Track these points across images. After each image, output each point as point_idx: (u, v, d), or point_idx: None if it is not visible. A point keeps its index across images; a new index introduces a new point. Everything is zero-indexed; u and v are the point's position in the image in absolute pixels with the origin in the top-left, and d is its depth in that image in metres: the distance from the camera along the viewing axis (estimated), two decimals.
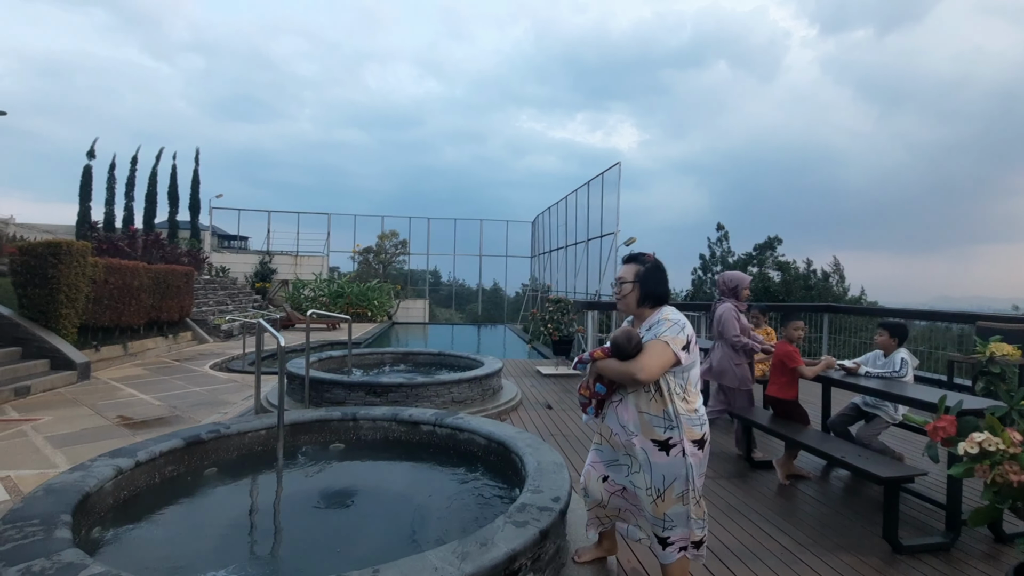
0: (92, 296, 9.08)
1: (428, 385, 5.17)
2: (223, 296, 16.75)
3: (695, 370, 2.15)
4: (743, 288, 4.60)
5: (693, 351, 2.14)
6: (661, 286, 2.25)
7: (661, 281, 2.26)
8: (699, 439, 2.13)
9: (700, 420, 2.14)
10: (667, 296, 2.24)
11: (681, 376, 2.12)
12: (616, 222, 13.08)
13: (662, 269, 2.28)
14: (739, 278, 4.65)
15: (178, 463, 3.13)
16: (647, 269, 2.24)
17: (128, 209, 23.07)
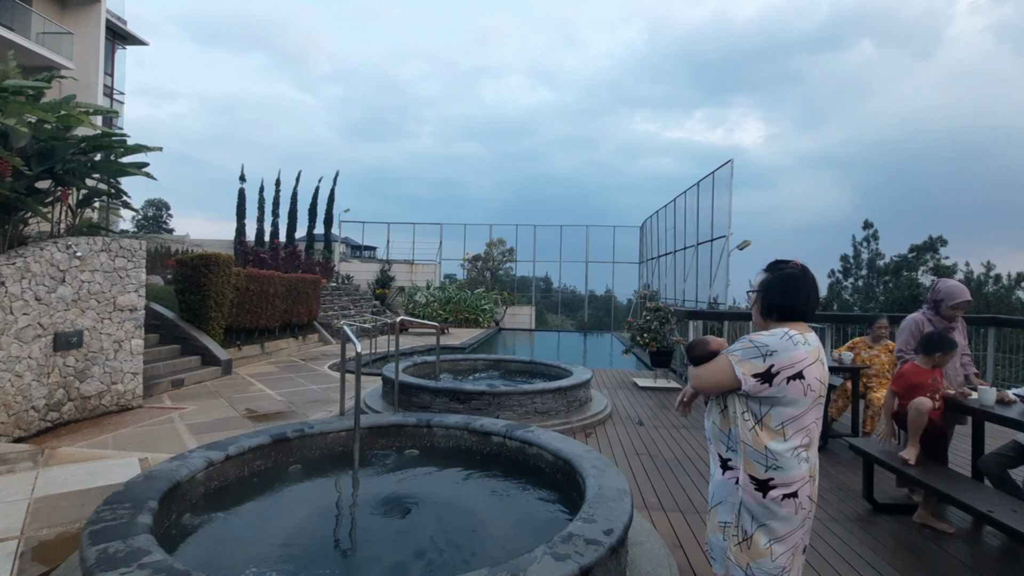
0: (235, 301, 10.39)
1: (511, 394, 5.11)
2: (346, 301, 18.28)
3: (788, 408, 1.76)
4: (949, 304, 3.71)
5: (786, 384, 1.75)
6: (787, 298, 1.89)
7: (789, 292, 1.89)
8: (762, 480, 1.77)
9: (770, 462, 1.76)
10: (796, 311, 1.87)
11: (757, 405, 1.80)
12: (728, 224, 12.11)
13: (796, 279, 1.92)
14: (950, 290, 3.77)
15: (265, 458, 3.37)
16: (774, 278, 1.95)
17: (274, 225, 26.24)
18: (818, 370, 1.74)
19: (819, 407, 1.76)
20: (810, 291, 1.87)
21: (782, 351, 1.75)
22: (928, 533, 3.17)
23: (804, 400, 1.74)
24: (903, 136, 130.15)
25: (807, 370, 1.73)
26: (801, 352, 1.74)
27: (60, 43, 19.64)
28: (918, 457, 3.26)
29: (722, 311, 9.71)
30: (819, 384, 1.75)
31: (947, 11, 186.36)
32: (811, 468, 1.77)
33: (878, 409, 4.65)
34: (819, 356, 1.76)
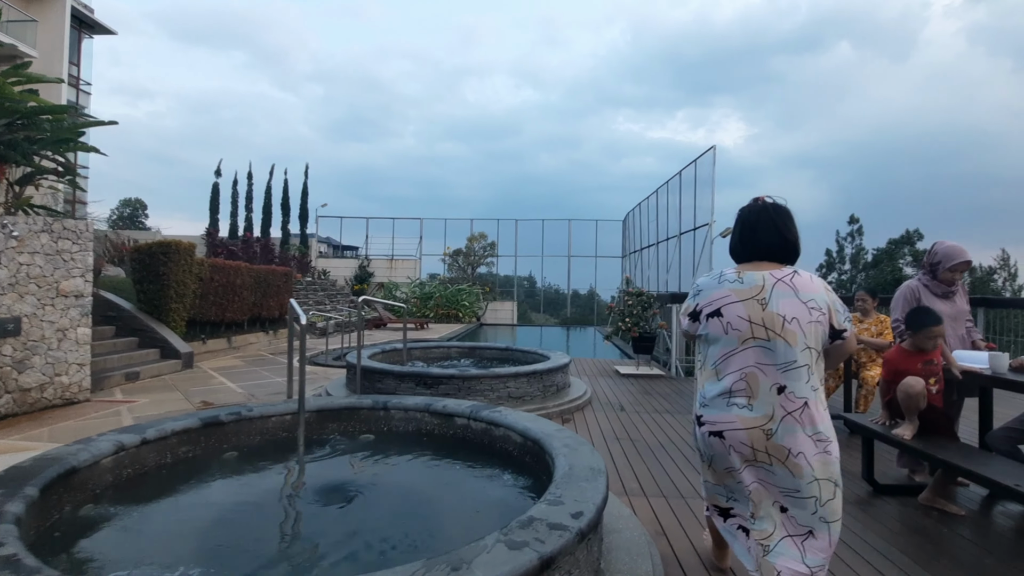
0: (199, 292, 9.85)
1: (481, 378, 4.74)
2: (322, 296, 17.73)
3: (716, 346, 1.74)
4: (947, 265, 3.38)
5: (706, 321, 1.75)
6: (735, 238, 1.85)
7: (736, 232, 1.85)
8: (696, 416, 1.82)
9: (702, 400, 1.79)
10: (744, 250, 1.80)
11: (701, 345, 1.82)
12: (711, 212, 11.89)
13: (741, 219, 1.86)
14: (948, 251, 3.42)
15: (193, 444, 2.96)
16: (736, 218, 1.89)
17: (248, 220, 25.50)
18: (743, 309, 1.66)
19: (757, 351, 1.64)
20: (756, 228, 1.76)
21: (707, 289, 1.76)
22: (936, 515, 2.87)
23: (726, 338, 1.69)
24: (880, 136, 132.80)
25: (726, 308, 1.68)
26: (724, 290, 1.71)
27: (24, 31, 18.77)
28: (919, 432, 2.96)
29: None
30: (743, 323, 1.65)
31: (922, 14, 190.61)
32: (755, 419, 1.63)
33: (872, 388, 4.37)
34: (753, 295, 1.66)
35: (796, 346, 1.61)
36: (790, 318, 1.61)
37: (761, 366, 1.63)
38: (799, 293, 1.63)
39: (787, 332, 1.61)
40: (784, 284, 1.65)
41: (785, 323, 1.61)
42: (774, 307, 1.63)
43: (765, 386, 1.62)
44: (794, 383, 1.60)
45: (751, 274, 1.70)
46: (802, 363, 1.60)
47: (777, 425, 1.60)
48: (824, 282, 1.71)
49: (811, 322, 1.62)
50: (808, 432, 1.59)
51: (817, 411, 1.61)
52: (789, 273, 1.68)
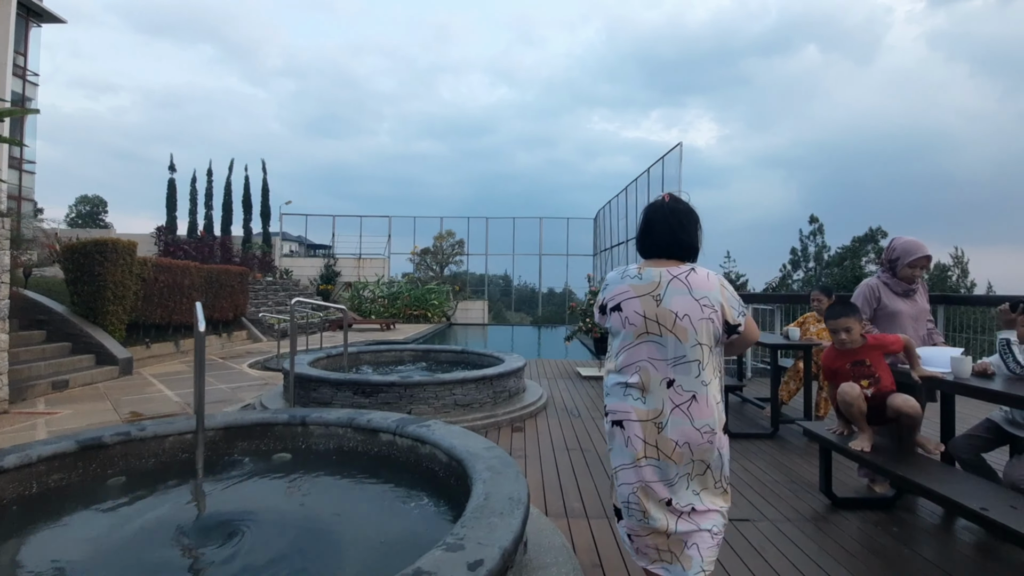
0: (142, 294, 9.26)
1: (425, 385, 4.41)
2: (283, 297, 17.10)
3: (617, 340, 1.77)
4: (906, 261, 3.24)
5: (610, 315, 1.78)
6: (639, 234, 1.86)
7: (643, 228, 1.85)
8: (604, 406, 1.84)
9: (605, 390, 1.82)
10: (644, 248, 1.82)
11: (611, 341, 1.84)
12: None
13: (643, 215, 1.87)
14: (906, 246, 3.28)
15: (68, 471, 2.56)
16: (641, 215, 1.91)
17: (207, 218, 24.60)
18: (639, 304, 1.69)
19: (650, 346, 1.67)
20: (652, 226, 1.78)
21: (612, 284, 1.78)
22: (896, 532, 2.66)
23: (624, 332, 1.72)
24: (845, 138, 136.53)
25: (626, 303, 1.71)
26: (624, 285, 1.74)
27: None
28: (875, 442, 2.76)
29: None
30: (639, 318, 1.68)
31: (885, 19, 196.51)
32: (647, 412, 1.65)
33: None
34: (649, 291, 1.68)
35: (686, 342, 1.64)
36: (682, 315, 1.64)
37: (653, 360, 1.67)
38: (693, 290, 1.66)
39: (678, 328, 1.64)
40: (679, 281, 1.67)
41: (677, 319, 1.64)
42: (667, 304, 1.66)
43: (656, 380, 1.66)
44: (683, 377, 1.63)
45: (650, 270, 1.72)
46: (692, 358, 1.63)
47: (667, 419, 1.63)
48: (721, 279, 1.72)
49: (703, 319, 1.64)
50: (696, 424, 1.62)
51: (706, 404, 1.63)
52: (686, 271, 1.69)
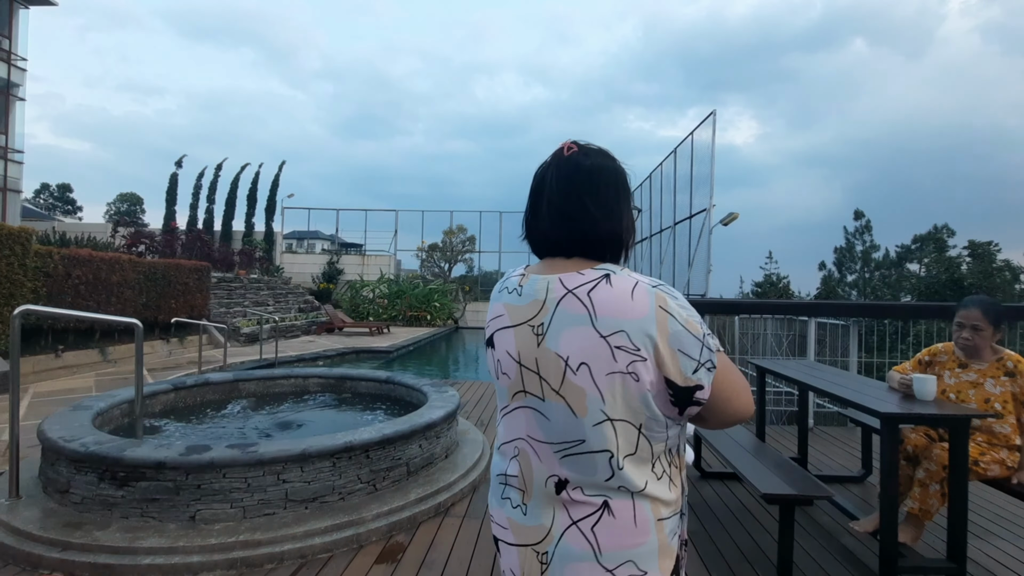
0: (45, 292, 7.72)
1: (227, 466, 2.44)
2: (265, 296, 15.51)
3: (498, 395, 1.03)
4: None
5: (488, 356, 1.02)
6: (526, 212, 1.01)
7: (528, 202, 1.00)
8: None
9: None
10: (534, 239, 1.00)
11: None
12: (710, 195, 9.51)
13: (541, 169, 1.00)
14: None
15: None
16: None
17: (208, 212, 23.41)
18: (513, 340, 0.94)
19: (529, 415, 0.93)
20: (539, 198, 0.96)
21: (491, 302, 1.04)
22: None
23: (499, 385, 1.00)
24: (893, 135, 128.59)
25: (498, 335, 0.98)
26: (499, 305, 0.99)
27: None
28: None
29: (695, 300, 7.10)
30: (513, 364, 0.94)
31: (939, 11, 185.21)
32: (527, 531, 0.94)
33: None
34: (528, 318, 0.92)
35: (584, 416, 0.87)
36: (576, 363, 0.87)
37: (533, 442, 0.93)
38: (597, 318, 0.86)
39: (568, 388, 0.87)
40: (575, 300, 0.88)
41: (567, 372, 0.87)
42: (552, 341, 0.89)
43: (540, 478, 0.93)
44: (583, 476, 0.89)
45: (534, 278, 0.94)
46: (597, 447, 0.87)
47: (554, 547, 0.90)
48: (664, 295, 0.86)
49: (614, 373, 0.85)
50: (604, 561, 0.87)
51: (631, 522, 0.87)
52: (592, 280, 0.88)
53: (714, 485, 3.47)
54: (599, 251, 0.94)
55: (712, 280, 9.62)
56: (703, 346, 0.85)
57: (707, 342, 0.86)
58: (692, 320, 0.85)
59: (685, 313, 0.85)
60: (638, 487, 0.88)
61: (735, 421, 0.94)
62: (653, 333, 0.84)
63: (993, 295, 16.79)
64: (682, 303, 0.87)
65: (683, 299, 0.88)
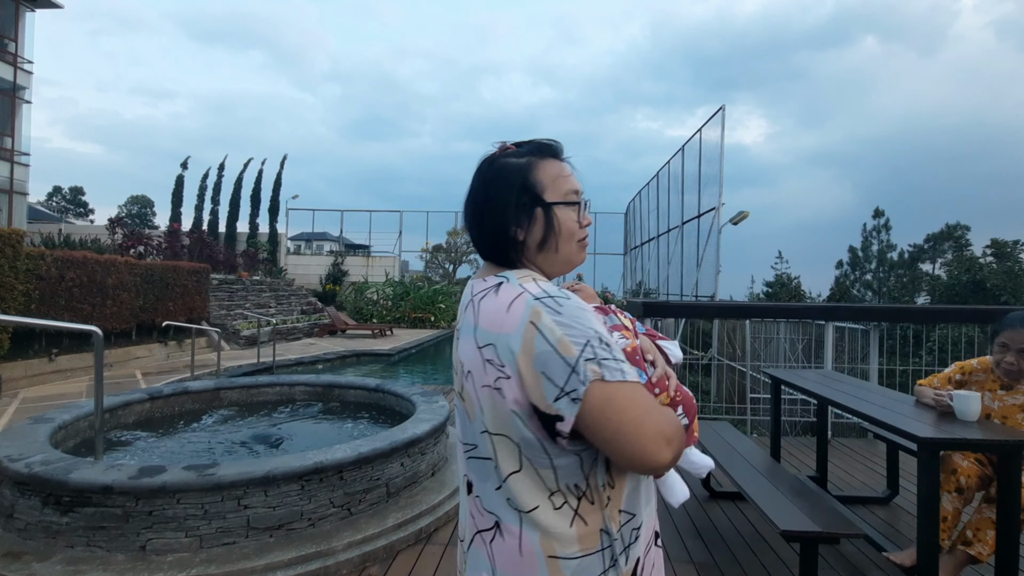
0: (37, 294, 7.57)
1: (175, 490, 2.20)
2: (267, 298, 15.36)
3: None
4: None
5: None
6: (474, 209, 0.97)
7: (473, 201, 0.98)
8: None
9: None
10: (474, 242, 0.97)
11: None
12: (719, 193, 9.20)
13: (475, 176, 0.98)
14: None
15: None
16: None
17: (213, 213, 23.37)
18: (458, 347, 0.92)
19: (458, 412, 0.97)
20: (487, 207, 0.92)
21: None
22: None
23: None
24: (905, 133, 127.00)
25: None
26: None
27: None
28: None
29: (701, 303, 6.77)
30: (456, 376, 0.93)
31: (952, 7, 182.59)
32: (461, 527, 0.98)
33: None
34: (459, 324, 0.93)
35: (474, 421, 0.89)
36: (465, 371, 0.89)
37: (458, 441, 0.98)
38: (477, 328, 0.86)
39: (465, 393, 0.90)
40: (472, 308, 0.90)
41: (464, 377, 0.89)
42: (457, 347, 0.93)
43: (460, 475, 0.98)
44: (481, 482, 0.88)
45: (469, 284, 0.97)
46: (484, 453, 0.87)
47: (467, 548, 0.93)
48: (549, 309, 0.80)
49: (486, 386, 0.84)
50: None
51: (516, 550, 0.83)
52: (487, 287, 0.89)
53: (724, 507, 3.19)
54: (499, 255, 0.91)
55: (721, 280, 9.32)
56: (571, 371, 0.76)
57: (581, 367, 0.76)
58: (568, 340, 0.77)
59: (560, 331, 0.78)
60: (524, 507, 0.83)
61: (633, 469, 0.82)
62: (516, 350, 0.79)
63: (1020, 299, 16.18)
64: (565, 319, 0.79)
65: (575, 313, 0.79)
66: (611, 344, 0.80)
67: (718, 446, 2.98)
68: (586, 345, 0.77)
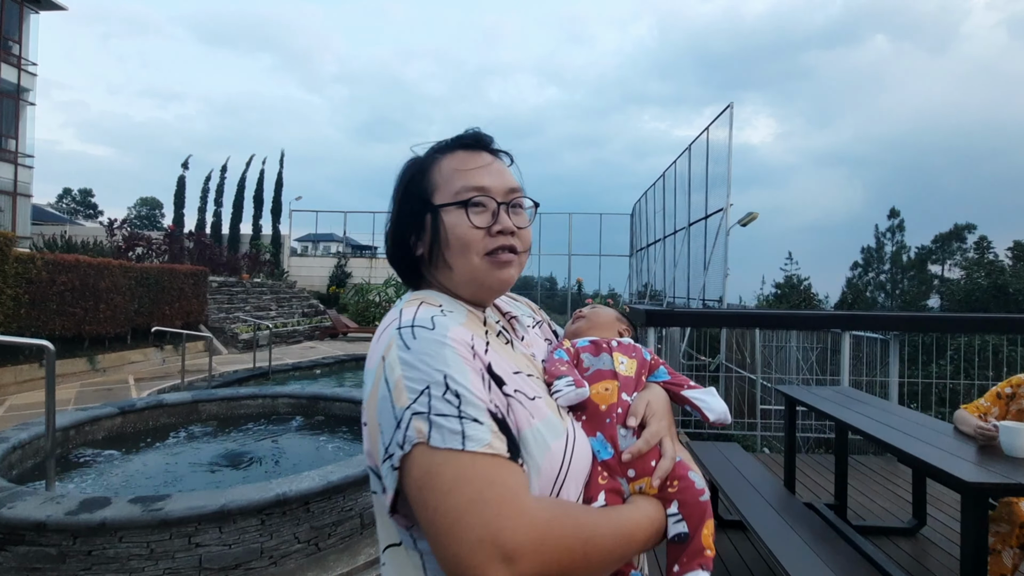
0: (27, 298, 7.42)
1: (117, 528, 1.96)
2: (268, 301, 15.21)
3: None
4: None
5: None
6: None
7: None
8: None
9: None
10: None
11: None
12: (727, 194, 8.91)
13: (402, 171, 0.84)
14: None
15: None
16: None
17: (216, 215, 23.32)
18: None
19: None
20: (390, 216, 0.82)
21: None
22: None
23: None
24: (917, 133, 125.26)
25: None
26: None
27: None
28: None
29: (710, 312, 6.49)
30: None
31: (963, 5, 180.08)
32: None
33: None
34: None
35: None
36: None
37: None
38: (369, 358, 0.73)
39: None
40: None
41: None
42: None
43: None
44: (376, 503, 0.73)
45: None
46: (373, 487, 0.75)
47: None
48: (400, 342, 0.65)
49: (364, 425, 0.70)
50: None
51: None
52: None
53: (732, 536, 2.92)
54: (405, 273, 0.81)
55: (729, 282, 9.01)
56: (396, 427, 0.59)
57: (405, 422, 0.58)
58: (403, 383, 0.61)
59: (400, 372, 0.62)
60: (382, 542, 0.73)
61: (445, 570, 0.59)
62: (367, 393, 0.67)
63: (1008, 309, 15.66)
64: (411, 355, 0.62)
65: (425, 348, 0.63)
66: (464, 395, 0.59)
67: (725, 472, 2.71)
68: (422, 393, 0.59)
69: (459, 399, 0.59)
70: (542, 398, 0.70)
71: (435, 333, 0.65)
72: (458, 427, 0.57)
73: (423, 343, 0.63)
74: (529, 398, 0.68)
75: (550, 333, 0.98)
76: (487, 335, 0.73)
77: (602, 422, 0.73)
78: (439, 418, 0.58)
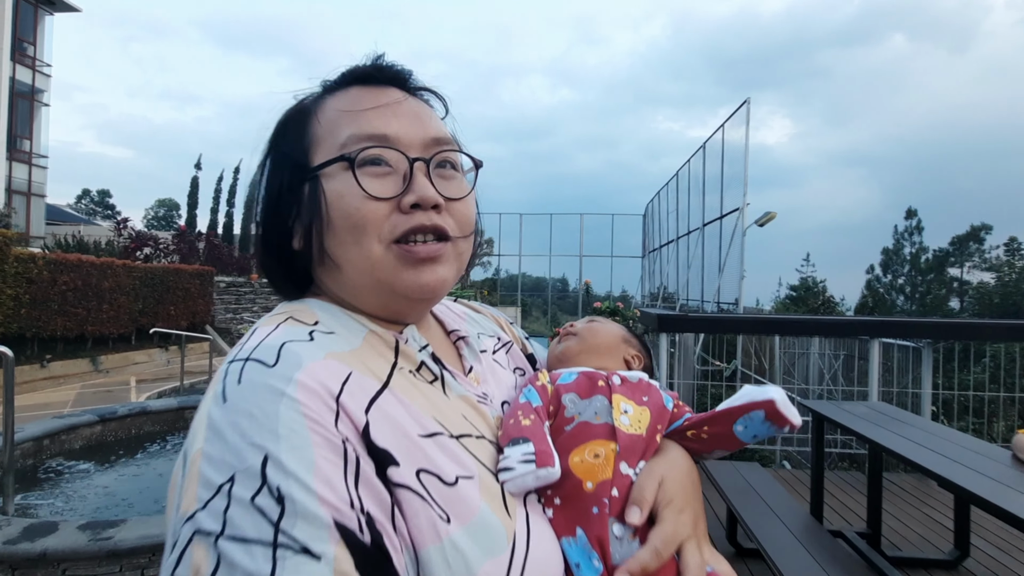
0: (28, 298, 7.34)
1: (59, 559, 1.75)
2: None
3: None
4: None
5: None
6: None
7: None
8: None
9: None
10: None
11: None
12: (743, 193, 8.58)
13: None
14: None
15: None
16: None
17: (228, 216, 23.43)
18: None
19: None
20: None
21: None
22: None
23: None
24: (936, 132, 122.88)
25: None
26: None
27: None
28: None
29: (726, 316, 6.19)
30: None
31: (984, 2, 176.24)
32: None
33: None
34: None
35: None
36: None
37: None
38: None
39: None
40: None
41: None
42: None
43: None
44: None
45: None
46: None
47: None
48: (219, 387, 0.41)
49: None
50: None
51: None
52: None
53: (752, 566, 2.64)
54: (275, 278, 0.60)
55: (745, 284, 8.68)
56: (170, 550, 0.35)
57: (183, 543, 0.34)
58: (200, 466, 0.37)
59: (202, 441, 0.38)
60: None
61: None
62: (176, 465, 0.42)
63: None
64: (224, 417, 0.39)
65: (247, 406, 0.39)
66: (294, 496, 0.35)
67: (745, 496, 2.44)
68: (219, 490, 0.35)
69: (281, 506, 0.35)
70: (474, 479, 0.44)
71: (272, 374, 0.41)
72: (266, 568, 0.32)
73: (248, 392, 0.39)
74: (446, 484, 0.42)
75: (523, 359, 0.71)
76: (392, 371, 0.48)
77: (586, 513, 0.47)
78: (234, 547, 0.33)
